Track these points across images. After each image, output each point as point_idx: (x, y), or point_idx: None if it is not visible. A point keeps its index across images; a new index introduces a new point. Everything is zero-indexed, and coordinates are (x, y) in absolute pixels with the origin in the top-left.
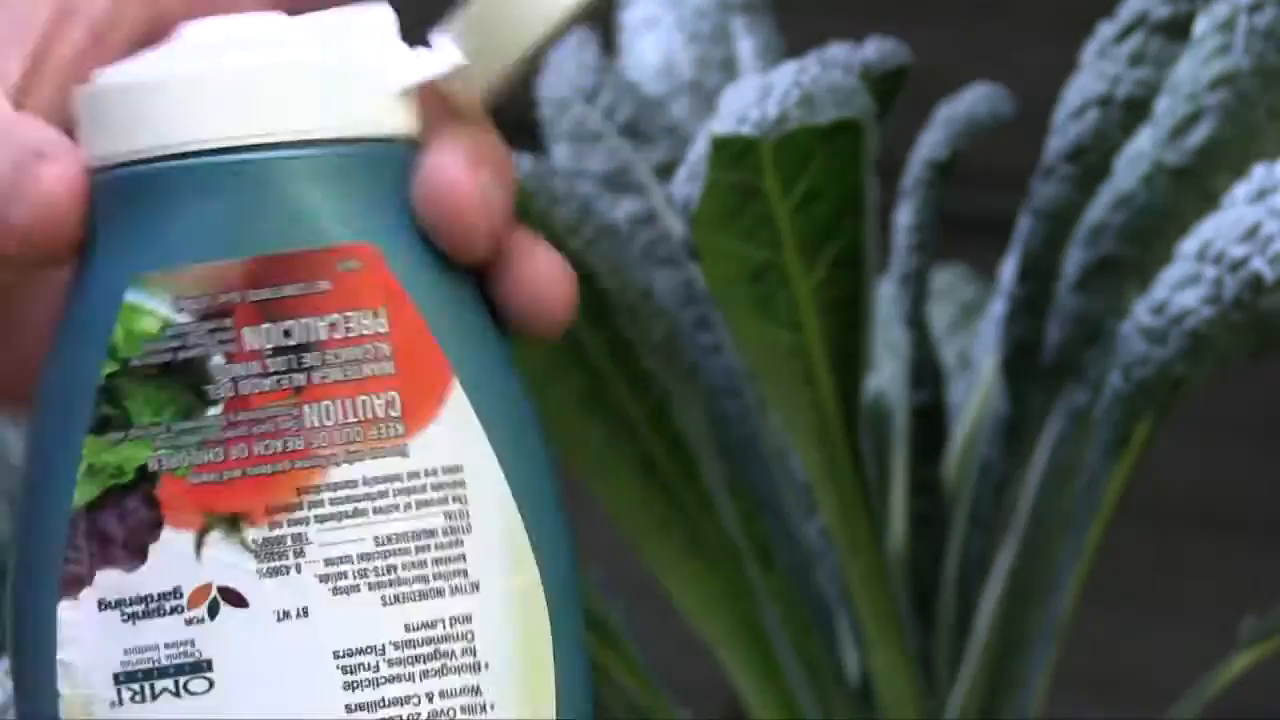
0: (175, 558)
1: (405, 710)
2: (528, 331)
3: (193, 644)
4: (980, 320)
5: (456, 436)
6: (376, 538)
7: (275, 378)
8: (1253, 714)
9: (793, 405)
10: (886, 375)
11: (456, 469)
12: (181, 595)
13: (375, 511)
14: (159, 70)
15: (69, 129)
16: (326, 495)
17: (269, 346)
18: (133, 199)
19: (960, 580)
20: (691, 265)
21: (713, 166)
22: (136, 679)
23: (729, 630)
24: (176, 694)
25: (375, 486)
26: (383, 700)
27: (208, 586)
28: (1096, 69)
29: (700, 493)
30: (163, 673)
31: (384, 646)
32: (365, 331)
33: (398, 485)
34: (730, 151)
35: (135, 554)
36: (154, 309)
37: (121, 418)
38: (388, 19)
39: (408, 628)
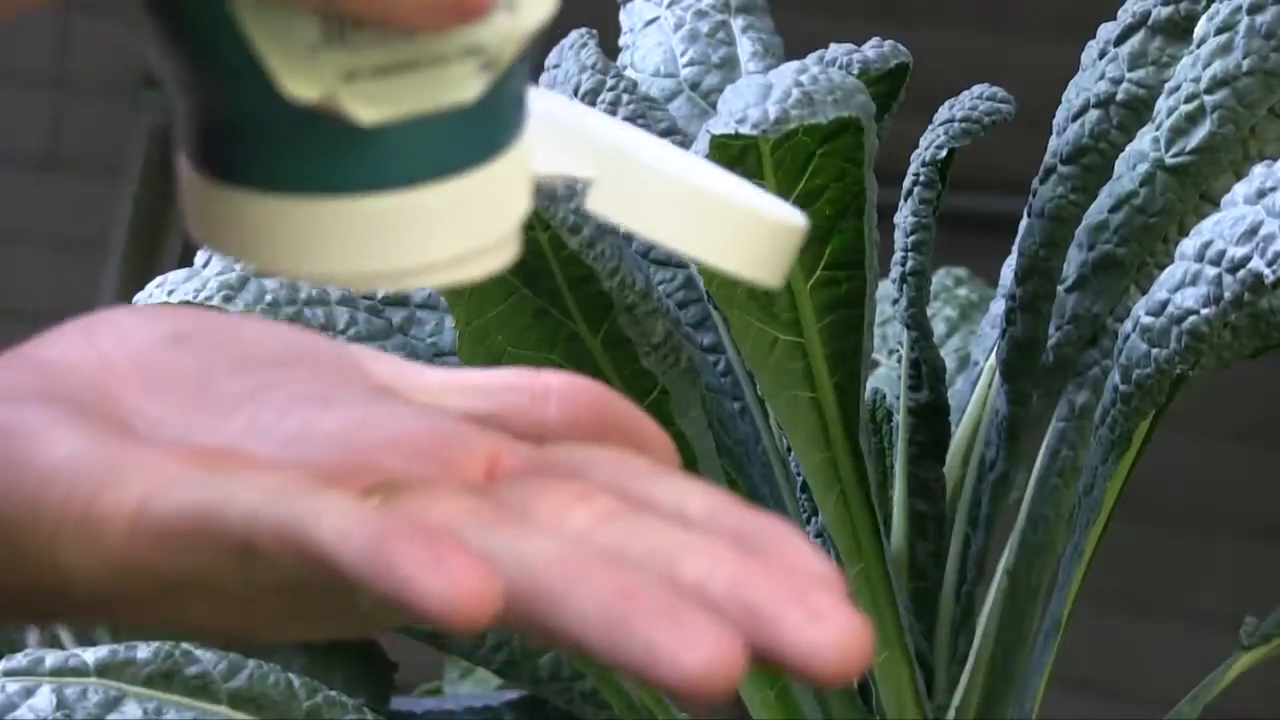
0: None
1: None
2: None
3: None
4: (980, 321)
5: None
6: None
7: None
8: (1253, 714)
9: (793, 405)
10: (886, 375)
11: None
12: None
13: None
14: None
15: None
16: None
17: None
18: None
19: (960, 580)
20: (691, 265)
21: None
22: None
23: None
24: None
25: None
26: None
27: None
28: (1097, 70)
29: None
30: None
31: None
32: None
33: None
34: (730, 151)
35: None
36: None
37: None
38: None
39: None
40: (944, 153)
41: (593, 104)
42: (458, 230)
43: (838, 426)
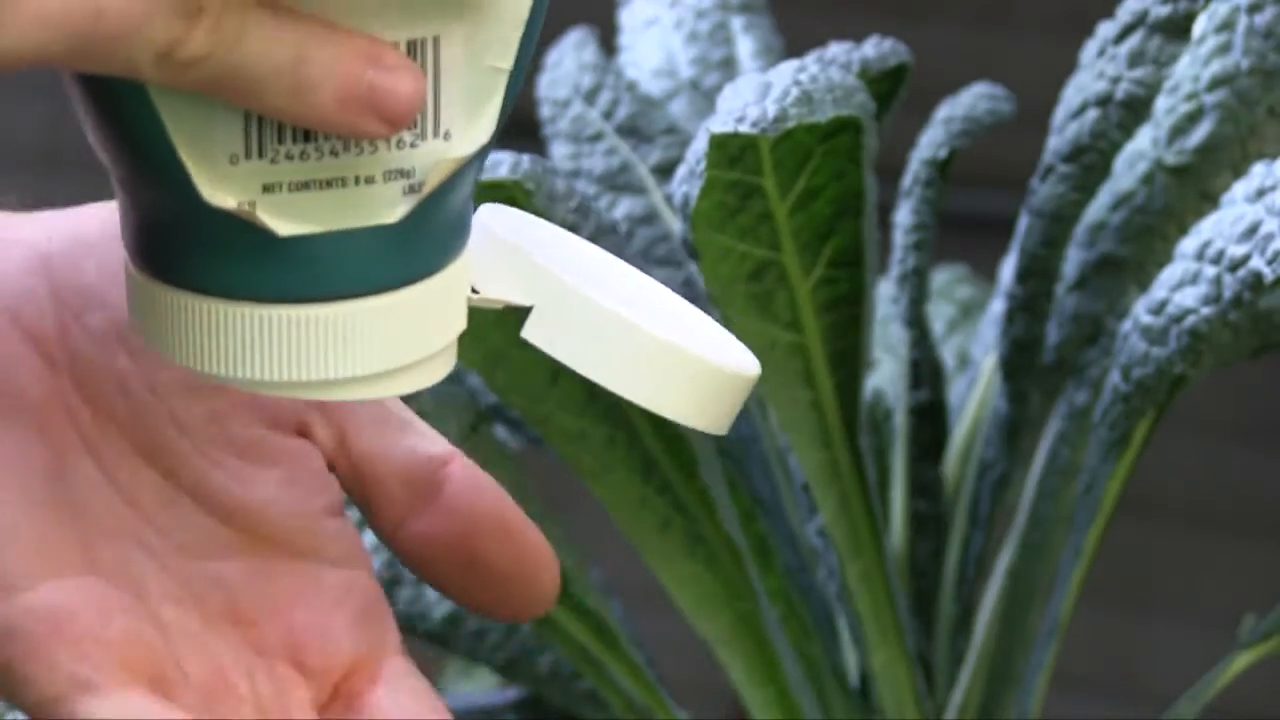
0: None
1: None
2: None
3: None
4: (980, 320)
5: None
6: None
7: None
8: (1253, 714)
9: (793, 405)
10: (886, 375)
11: None
12: None
13: None
14: None
15: None
16: None
17: None
18: None
19: (960, 580)
20: (691, 264)
21: (712, 165)
22: None
23: (729, 630)
24: None
25: None
26: None
27: None
28: (1096, 69)
29: (700, 493)
30: None
31: None
32: None
33: None
34: (729, 150)
35: None
36: None
37: None
38: None
39: None
40: (944, 153)
41: (591, 104)
42: (381, 347)
43: (838, 426)
